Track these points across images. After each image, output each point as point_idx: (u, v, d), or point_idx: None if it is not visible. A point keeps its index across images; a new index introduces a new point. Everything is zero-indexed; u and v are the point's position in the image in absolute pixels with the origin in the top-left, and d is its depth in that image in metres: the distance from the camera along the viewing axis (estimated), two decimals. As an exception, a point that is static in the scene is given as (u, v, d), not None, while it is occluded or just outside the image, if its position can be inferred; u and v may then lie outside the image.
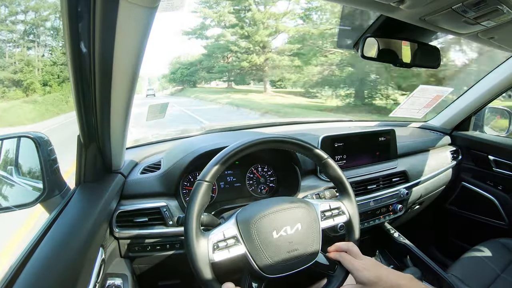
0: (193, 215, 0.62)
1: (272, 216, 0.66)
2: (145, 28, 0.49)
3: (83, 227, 0.64)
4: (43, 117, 14.94)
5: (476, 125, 1.61)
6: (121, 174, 0.92)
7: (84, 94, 0.61)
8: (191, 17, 32.90)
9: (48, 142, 0.79)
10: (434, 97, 1.59)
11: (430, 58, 0.91)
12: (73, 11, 0.46)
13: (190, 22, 39.91)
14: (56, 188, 0.79)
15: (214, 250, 0.61)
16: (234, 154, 0.68)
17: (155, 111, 1.23)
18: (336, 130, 1.22)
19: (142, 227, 0.91)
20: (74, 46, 0.51)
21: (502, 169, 1.46)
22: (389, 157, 1.29)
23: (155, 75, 38.26)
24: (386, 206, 1.25)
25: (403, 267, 1.22)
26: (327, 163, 0.76)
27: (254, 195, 1.11)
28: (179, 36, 31.79)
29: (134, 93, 0.65)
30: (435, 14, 0.60)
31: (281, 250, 0.64)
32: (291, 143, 0.75)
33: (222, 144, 0.94)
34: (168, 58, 40.47)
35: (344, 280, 0.69)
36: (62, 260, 0.54)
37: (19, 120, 13.97)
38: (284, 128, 1.63)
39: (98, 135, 0.73)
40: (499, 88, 1.37)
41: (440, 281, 1.10)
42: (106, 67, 0.55)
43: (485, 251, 1.25)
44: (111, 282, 0.77)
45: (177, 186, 0.95)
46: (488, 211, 1.53)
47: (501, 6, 0.55)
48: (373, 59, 0.87)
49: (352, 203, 0.77)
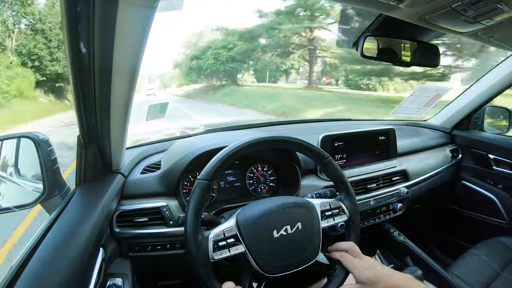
0: (193, 214, 0.62)
1: (272, 215, 0.66)
2: (144, 28, 0.49)
3: (84, 227, 0.64)
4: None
5: (476, 124, 1.61)
6: (121, 174, 0.92)
7: (83, 94, 0.61)
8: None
9: (48, 142, 0.79)
10: (434, 96, 1.59)
11: (430, 57, 0.91)
12: (73, 11, 0.46)
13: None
14: (56, 188, 0.79)
15: (215, 249, 0.61)
16: (234, 154, 0.68)
17: (155, 110, 1.23)
18: (336, 129, 1.22)
19: (143, 227, 0.91)
20: (74, 46, 0.51)
21: (502, 168, 1.46)
22: (389, 156, 1.29)
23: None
24: (386, 205, 1.25)
25: (404, 266, 1.23)
26: (327, 163, 0.76)
27: (254, 194, 1.11)
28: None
29: (134, 92, 0.65)
30: (434, 13, 0.60)
31: (281, 250, 0.64)
32: (291, 143, 0.75)
33: (222, 143, 0.94)
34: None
35: (344, 280, 0.69)
36: (62, 261, 0.54)
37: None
38: (283, 127, 1.63)
39: (98, 135, 0.73)
40: (499, 86, 1.37)
41: (440, 280, 1.11)
42: (106, 67, 0.55)
43: (485, 250, 1.25)
44: (111, 282, 0.77)
45: (177, 186, 0.95)
46: (488, 209, 1.53)
47: (500, 5, 0.55)
48: (373, 58, 0.87)
49: (352, 202, 0.77)
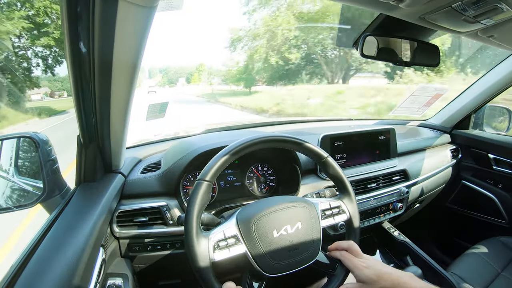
0: (193, 214, 0.62)
1: (273, 215, 0.66)
2: (144, 28, 0.49)
3: (83, 227, 0.64)
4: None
5: (476, 124, 1.61)
6: (121, 173, 0.92)
7: (83, 93, 0.61)
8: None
9: (48, 142, 0.79)
10: (434, 95, 1.59)
11: (430, 57, 0.91)
12: (73, 11, 0.47)
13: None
14: (56, 188, 0.79)
15: (215, 249, 0.61)
16: (234, 153, 0.68)
17: (154, 110, 1.22)
18: (336, 129, 1.22)
19: (142, 227, 0.91)
20: (74, 46, 0.51)
21: (502, 167, 1.46)
22: (389, 155, 1.29)
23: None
24: (386, 205, 1.25)
25: (404, 266, 1.23)
26: (327, 162, 0.76)
27: (254, 194, 1.11)
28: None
29: (134, 92, 0.65)
30: (434, 13, 0.60)
31: (281, 249, 0.64)
32: (291, 142, 0.75)
33: (221, 143, 0.94)
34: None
35: (344, 279, 0.69)
36: (62, 260, 0.54)
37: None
38: (283, 127, 1.63)
39: (98, 135, 0.74)
40: (499, 86, 1.37)
41: (440, 279, 1.11)
42: (106, 67, 0.55)
43: (485, 250, 1.25)
44: (111, 282, 0.77)
45: (177, 186, 0.95)
46: (488, 209, 1.53)
47: (500, 4, 0.54)
48: (373, 57, 0.87)
49: (352, 201, 0.77)
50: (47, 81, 22.90)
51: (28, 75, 14.96)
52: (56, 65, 15.60)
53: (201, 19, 43.88)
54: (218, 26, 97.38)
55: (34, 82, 15.42)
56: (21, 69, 14.71)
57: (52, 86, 24.29)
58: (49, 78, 21.39)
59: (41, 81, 17.88)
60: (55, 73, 16.44)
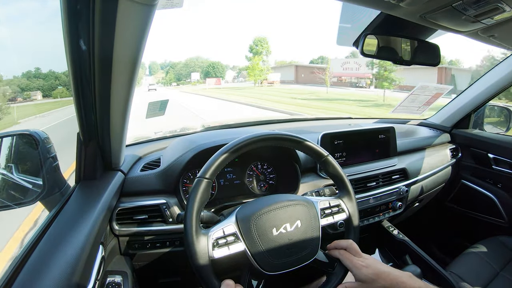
0: (193, 212, 0.62)
1: (272, 213, 0.66)
2: (144, 26, 0.49)
3: (83, 224, 0.64)
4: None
5: (476, 123, 1.61)
6: (121, 171, 0.92)
7: (83, 91, 0.61)
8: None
9: (48, 139, 0.79)
10: (434, 94, 1.59)
11: (430, 56, 0.91)
12: (73, 9, 0.46)
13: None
14: (56, 185, 0.79)
15: (214, 247, 0.61)
16: (234, 151, 0.68)
17: (154, 108, 1.22)
18: (336, 127, 1.22)
19: (142, 225, 0.91)
20: (74, 44, 0.51)
21: (502, 167, 1.46)
22: (389, 154, 1.29)
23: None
24: (386, 204, 1.25)
25: (403, 265, 1.23)
26: (327, 161, 0.76)
27: (253, 192, 1.12)
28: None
29: (134, 90, 0.65)
30: (435, 12, 0.60)
31: (280, 248, 0.64)
32: (291, 140, 0.75)
33: (221, 141, 0.94)
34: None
35: (343, 278, 0.69)
36: (62, 258, 0.54)
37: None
38: (283, 126, 1.63)
39: (97, 133, 0.73)
40: (499, 85, 1.37)
41: (439, 278, 1.11)
42: (106, 65, 0.55)
43: (485, 249, 1.25)
44: (111, 280, 0.77)
45: (176, 184, 0.95)
46: (487, 209, 1.53)
47: (501, 4, 0.54)
48: (373, 56, 0.87)
49: (352, 200, 0.77)
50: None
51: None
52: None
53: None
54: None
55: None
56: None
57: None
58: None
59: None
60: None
